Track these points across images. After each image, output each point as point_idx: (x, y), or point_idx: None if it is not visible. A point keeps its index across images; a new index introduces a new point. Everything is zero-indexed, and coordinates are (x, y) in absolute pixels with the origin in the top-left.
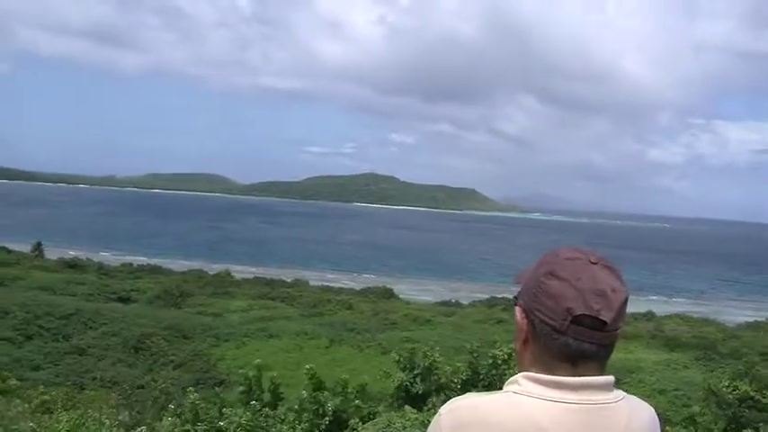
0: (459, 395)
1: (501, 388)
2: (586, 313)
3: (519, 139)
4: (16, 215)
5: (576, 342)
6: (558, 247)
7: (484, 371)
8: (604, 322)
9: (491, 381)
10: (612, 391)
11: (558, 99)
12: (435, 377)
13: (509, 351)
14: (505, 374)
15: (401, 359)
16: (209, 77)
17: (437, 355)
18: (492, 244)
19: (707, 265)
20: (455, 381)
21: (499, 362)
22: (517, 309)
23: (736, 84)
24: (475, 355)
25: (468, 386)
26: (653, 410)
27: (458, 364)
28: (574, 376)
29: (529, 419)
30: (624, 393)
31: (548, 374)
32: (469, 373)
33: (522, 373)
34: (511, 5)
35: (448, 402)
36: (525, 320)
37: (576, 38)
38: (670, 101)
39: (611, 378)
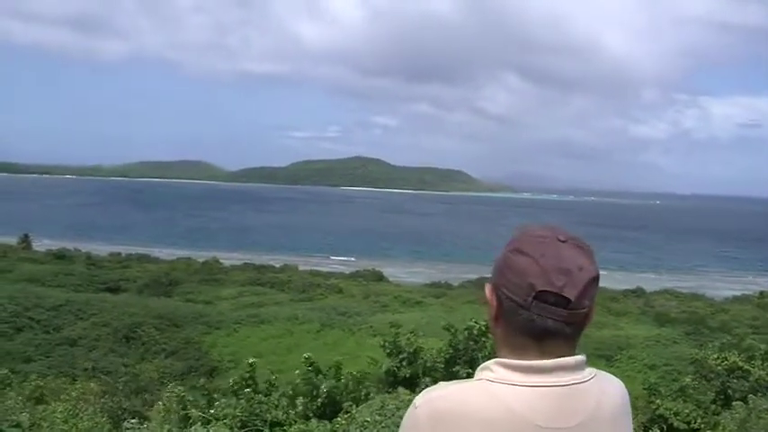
0: (443, 375)
1: (481, 361)
2: (549, 289)
3: (504, 118)
4: (1, 208)
5: (540, 318)
6: (528, 226)
7: (462, 346)
8: (568, 299)
9: (471, 355)
10: (584, 369)
11: (541, 77)
12: (422, 360)
13: (485, 323)
14: (485, 347)
15: (386, 345)
16: (191, 64)
17: (420, 341)
18: (481, 225)
19: (694, 241)
20: (439, 361)
21: (475, 332)
22: (487, 286)
23: (720, 58)
24: (452, 330)
25: (450, 365)
26: (622, 385)
27: (440, 344)
28: (541, 353)
29: (505, 407)
30: (596, 371)
31: (517, 354)
32: (450, 351)
33: (494, 360)
34: None
35: (422, 393)
36: (494, 297)
37: (557, 14)
38: (654, 76)
39: (582, 357)
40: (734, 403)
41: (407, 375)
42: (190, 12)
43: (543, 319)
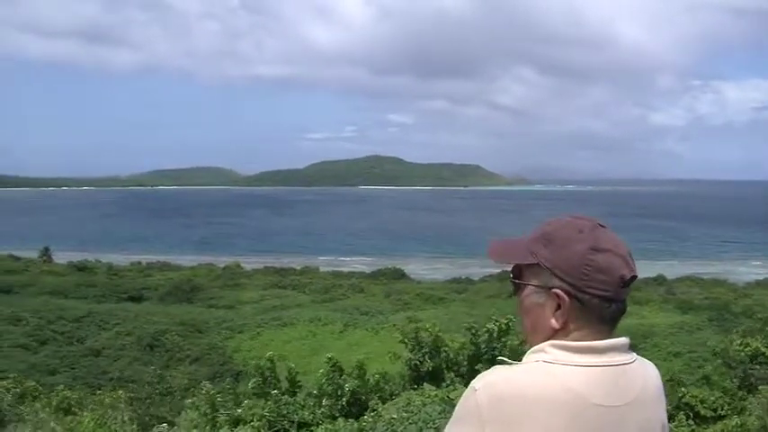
0: (467, 371)
1: (500, 358)
2: (633, 274)
3: (519, 111)
4: (22, 222)
5: (622, 304)
6: (566, 220)
7: (484, 345)
8: (636, 275)
9: (493, 354)
10: (630, 351)
11: (555, 68)
12: (444, 354)
13: (506, 321)
14: (505, 346)
15: (407, 339)
16: (204, 70)
17: (438, 330)
18: (500, 218)
19: (715, 227)
20: (461, 356)
21: (494, 335)
22: (558, 292)
23: (734, 42)
24: (473, 331)
25: (474, 360)
26: (656, 369)
27: (462, 340)
28: (608, 335)
29: (563, 387)
30: (635, 354)
31: (583, 340)
32: (473, 349)
33: (548, 342)
34: None
35: (479, 377)
36: (569, 299)
37: (570, 3)
38: (669, 63)
39: (628, 339)
40: (760, 387)
41: (430, 369)
42: (200, 18)
43: (623, 303)
